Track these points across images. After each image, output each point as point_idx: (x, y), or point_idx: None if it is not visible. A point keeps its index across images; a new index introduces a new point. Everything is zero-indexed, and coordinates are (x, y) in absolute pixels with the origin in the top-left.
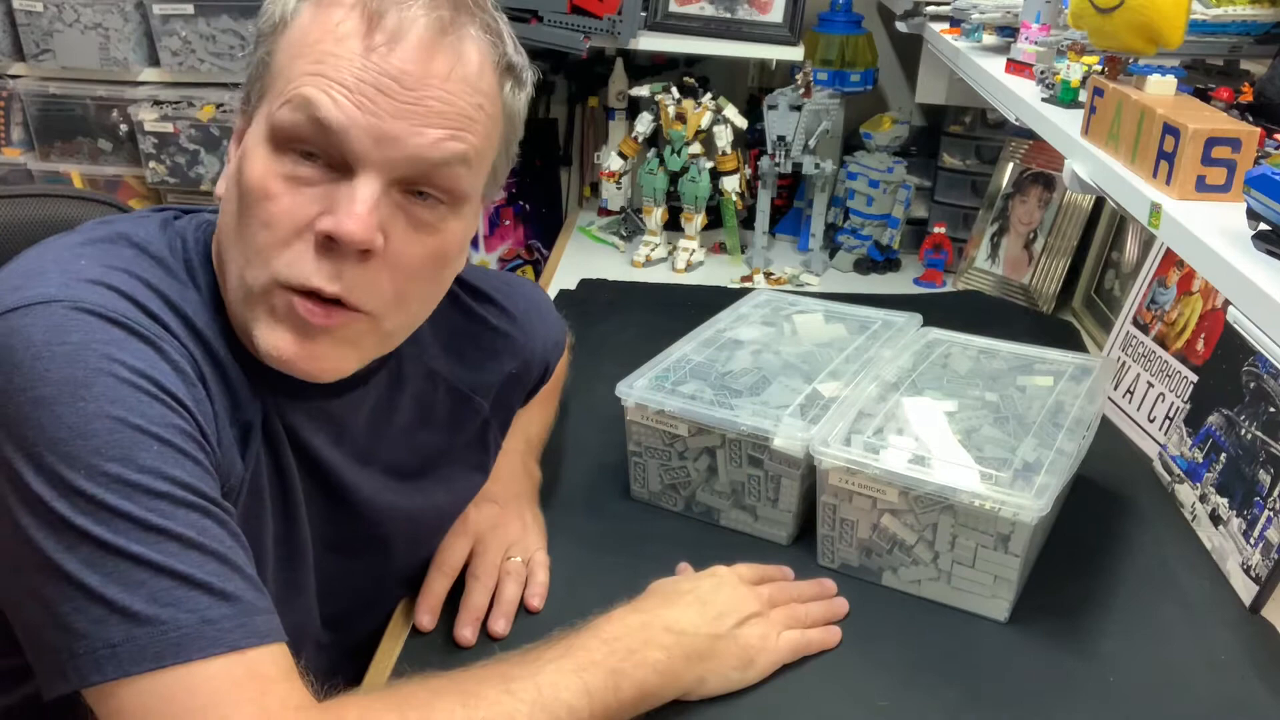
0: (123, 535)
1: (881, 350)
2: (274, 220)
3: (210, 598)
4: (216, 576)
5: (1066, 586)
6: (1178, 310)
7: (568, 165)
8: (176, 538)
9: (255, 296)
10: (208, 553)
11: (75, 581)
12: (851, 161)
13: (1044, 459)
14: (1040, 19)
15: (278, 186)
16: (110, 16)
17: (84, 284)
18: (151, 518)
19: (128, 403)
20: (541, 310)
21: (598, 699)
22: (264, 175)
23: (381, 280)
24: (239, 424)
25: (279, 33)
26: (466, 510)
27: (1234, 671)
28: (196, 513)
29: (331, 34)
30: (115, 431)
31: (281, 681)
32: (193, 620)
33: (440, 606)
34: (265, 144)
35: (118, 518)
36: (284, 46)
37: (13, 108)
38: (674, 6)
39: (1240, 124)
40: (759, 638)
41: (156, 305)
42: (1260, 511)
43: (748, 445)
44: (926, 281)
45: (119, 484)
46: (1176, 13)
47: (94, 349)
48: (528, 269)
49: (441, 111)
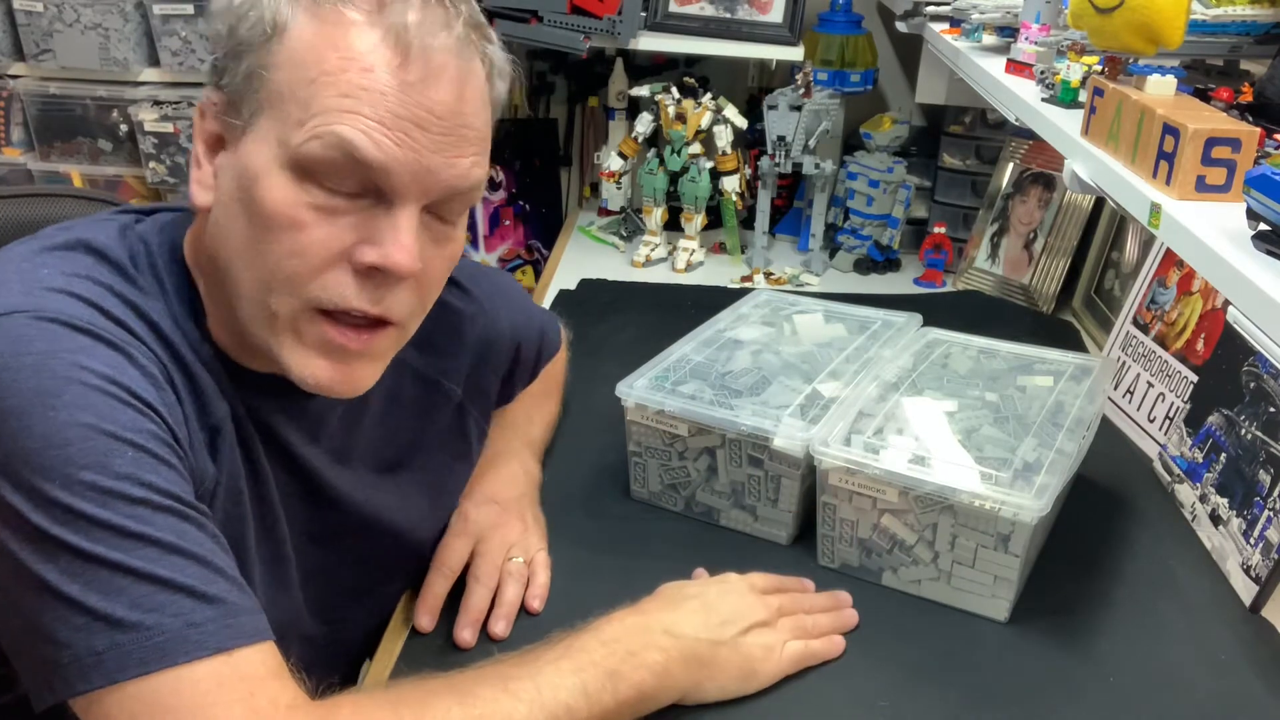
0: (101, 543)
1: (881, 350)
2: (306, 250)
3: (193, 601)
4: (198, 580)
5: (1066, 586)
6: (1178, 310)
7: (568, 165)
8: (156, 543)
9: (281, 321)
10: (188, 556)
11: (56, 592)
12: (851, 161)
13: (1044, 459)
14: (1040, 19)
15: (307, 216)
16: (110, 16)
17: (47, 293)
18: (130, 524)
19: (99, 409)
20: (507, 293)
21: (595, 700)
22: (290, 205)
23: (412, 294)
24: (208, 427)
25: (271, 43)
26: (466, 510)
27: (1234, 671)
28: (174, 517)
29: (356, 63)
30: (88, 439)
31: (270, 680)
32: (177, 624)
33: (440, 607)
34: (285, 171)
35: (96, 526)
36: (284, 64)
37: (13, 108)
38: (674, 6)
39: (1240, 124)
40: (763, 648)
41: (120, 311)
42: (1260, 511)
43: (748, 445)
44: (926, 281)
45: (95, 492)
46: (1176, 13)
47: (61, 357)
48: (528, 269)
49: (469, 138)
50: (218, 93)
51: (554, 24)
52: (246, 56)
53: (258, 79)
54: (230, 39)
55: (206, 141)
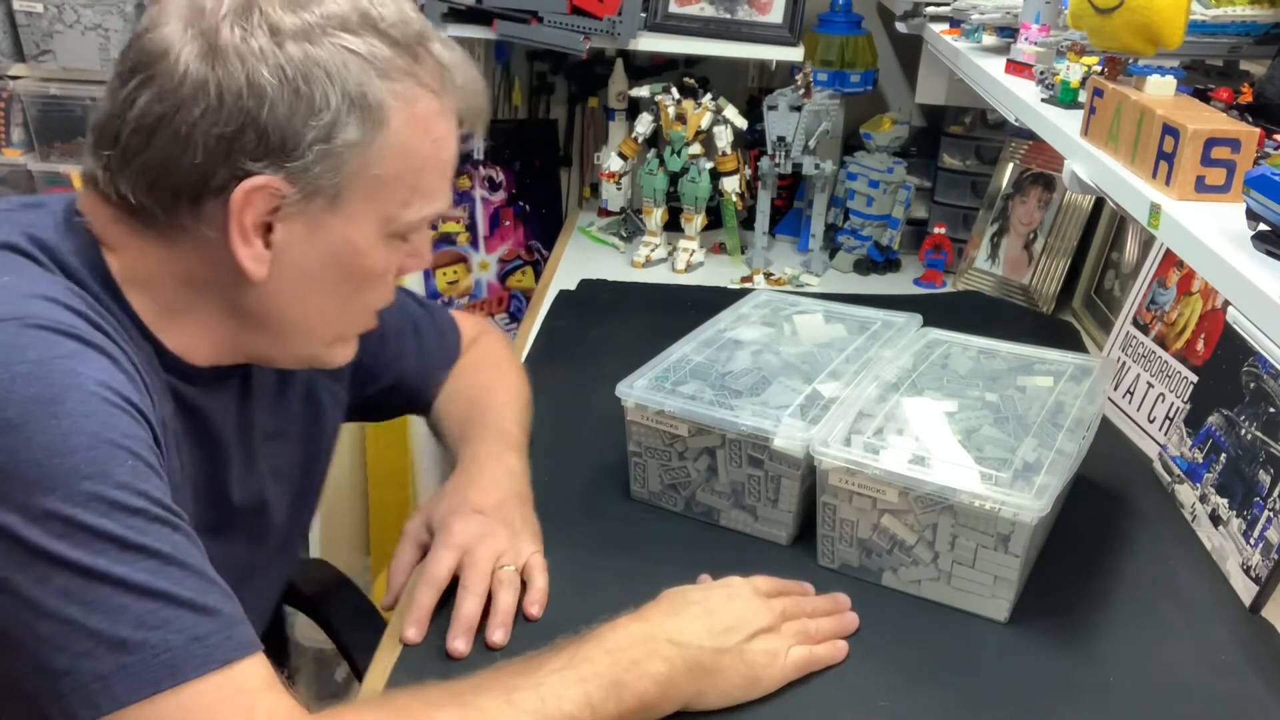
0: (103, 556)
1: (881, 350)
2: (389, 290)
3: (195, 614)
4: (197, 592)
5: (1066, 586)
6: (1178, 310)
7: (568, 166)
8: (156, 555)
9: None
10: (185, 568)
11: (53, 617)
12: (851, 162)
13: (1044, 459)
14: (1040, 19)
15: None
16: (110, 17)
17: (23, 299)
18: (131, 535)
19: (100, 416)
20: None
21: (599, 710)
22: (389, 266)
23: None
24: (162, 424)
25: (373, 134)
26: (450, 524)
27: (1234, 671)
28: (168, 528)
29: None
30: (92, 447)
31: (267, 692)
32: (182, 640)
33: (427, 619)
34: (387, 240)
35: (97, 538)
36: (388, 156)
37: (13, 108)
38: (674, 7)
39: (1239, 124)
40: (767, 654)
41: (93, 313)
42: (1260, 512)
43: (748, 445)
44: (926, 282)
45: (98, 502)
46: (1176, 13)
47: (56, 364)
48: (528, 270)
49: None
50: (278, 178)
51: (554, 24)
52: (334, 144)
53: (349, 165)
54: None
55: (257, 223)
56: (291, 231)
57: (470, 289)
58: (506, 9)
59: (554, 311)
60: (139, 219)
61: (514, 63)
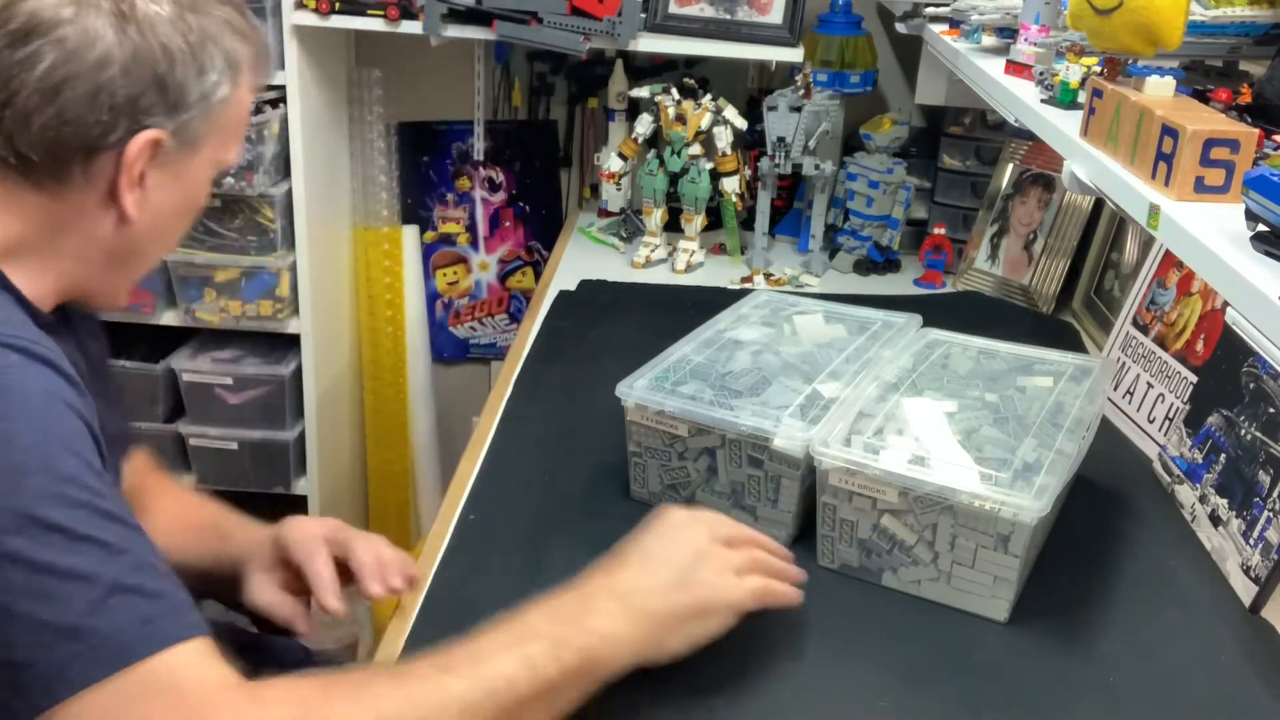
0: (51, 548)
1: (881, 351)
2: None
3: (142, 599)
4: (144, 578)
5: (1066, 586)
6: (1177, 311)
7: (567, 166)
8: (103, 545)
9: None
10: (131, 555)
11: (10, 612)
12: (851, 162)
13: (1044, 459)
14: (1039, 20)
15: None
16: None
17: None
18: (78, 526)
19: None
20: None
21: (539, 670)
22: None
23: None
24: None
25: (233, 95)
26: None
27: (1234, 671)
28: (113, 520)
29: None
30: (40, 446)
31: (219, 664)
32: (132, 623)
33: (335, 584)
34: (209, 179)
35: (48, 531)
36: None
37: None
38: (674, 8)
39: (1239, 125)
40: (714, 574)
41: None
42: (1260, 512)
43: (748, 446)
44: (926, 282)
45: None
46: (1175, 14)
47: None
48: (528, 270)
49: None
50: (166, 131)
51: (554, 25)
52: (218, 90)
53: (216, 117)
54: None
55: (143, 170)
56: (163, 176)
57: (470, 289)
58: (506, 10)
59: (554, 312)
60: (23, 175)
61: (514, 63)
